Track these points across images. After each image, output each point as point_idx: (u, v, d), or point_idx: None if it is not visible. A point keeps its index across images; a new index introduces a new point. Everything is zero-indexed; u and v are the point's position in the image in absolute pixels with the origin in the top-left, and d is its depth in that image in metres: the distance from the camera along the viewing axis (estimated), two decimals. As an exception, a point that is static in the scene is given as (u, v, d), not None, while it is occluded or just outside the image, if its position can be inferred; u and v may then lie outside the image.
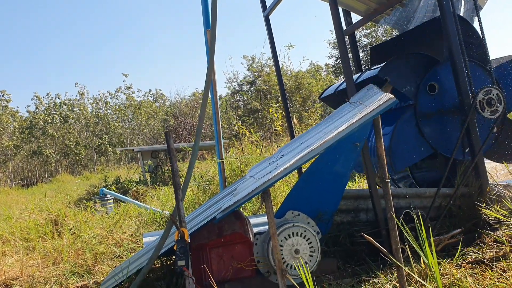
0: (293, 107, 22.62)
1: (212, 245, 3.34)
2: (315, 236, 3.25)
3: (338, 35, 3.91)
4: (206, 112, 20.94)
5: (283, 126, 11.45)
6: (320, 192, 3.49)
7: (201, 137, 3.47)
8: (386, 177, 2.80)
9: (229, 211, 2.95)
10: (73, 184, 20.50)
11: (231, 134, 21.19)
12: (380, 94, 3.04)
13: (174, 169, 3.02)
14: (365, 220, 3.95)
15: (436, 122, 4.20)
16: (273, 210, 2.82)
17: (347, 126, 2.92)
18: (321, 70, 31.81)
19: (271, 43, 6.13)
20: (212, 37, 3.75)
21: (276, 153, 4.11)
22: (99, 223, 6.62)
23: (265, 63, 24.09)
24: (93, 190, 14.12)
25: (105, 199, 10.18)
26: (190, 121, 28.96)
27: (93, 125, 35.83)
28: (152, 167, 15.12)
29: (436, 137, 4.19)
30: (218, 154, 6.22)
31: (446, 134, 4.18)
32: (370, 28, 26.48)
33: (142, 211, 7.48)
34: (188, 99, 37.34)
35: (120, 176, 15.95)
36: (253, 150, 9.39)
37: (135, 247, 5.50)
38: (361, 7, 5.71)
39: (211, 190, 7.33)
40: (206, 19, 6.02)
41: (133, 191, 12.40)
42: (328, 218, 3.52)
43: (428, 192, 3.99)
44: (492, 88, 3.92)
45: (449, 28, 3.92)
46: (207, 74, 3.60)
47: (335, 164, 3.45)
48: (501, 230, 3.49)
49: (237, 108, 25.79)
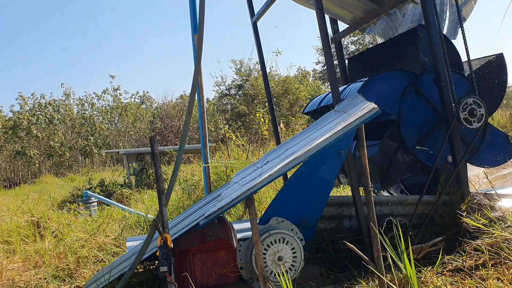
0: (280, 111, 22.68)
1: (195, 251, 3.33)
2: (298, 243, 3.27)
3: (324, 43, 3.94)
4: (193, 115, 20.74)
5: (270, 130, 11.48)
6: (304, 199, 3.52)
7: (187, 140, 3.47)
8: (369, 185, 2.83)
9: (212, 217, 2.95)
10: (57, 186, 20.22)
11: (218, 137, 21.15)
12: (364, 103, 3.07)
13: (158, 175, 3.01)
14: (348, 227, 3.98)
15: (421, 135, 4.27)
16: (256, 217, 2.83)
17: (331, 135, 2.95)
18: (308, 76, 31.95)
19: (258, 50, 6.16)
20: (199, 42, 3.76)
21: (262, 159, 4.12)
22: (82, 226, 6.55)
23: (253, 68, 24.14)
24: (77, 192, 13.95)
25: (89, 202, 10.06)
26: (177, 124, 28.85)
27: (78, 126, 35.44)
28: (137, 170, 15.01)
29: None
30: (203, 158, 6.20)
31: (430, 144, 4.25)
32: (357, 35, 26.69)
33: (126, 215, 7.41)
34: (176, 101, 37.22)
35: (105, 178, 15.79)
36: (239, 155, 9.40)
37: (118, 251, 5.45)
38: (347, 16, 5.77)
39: (196, 195, 7.32)
40: (194, 23, 6.02)
41: (118, 194, 12.27)
42: (312, 224, 3.54)
43: (410, 199, 4.04)
44: (467, 99, 3.98)
45: (433, 39, 3.99)
46: (194, 79, 3.61)
47: (320, 171, 3.47)
48: (481, 239, 3.55)
49: (224, 111, 25.77)
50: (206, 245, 3.32)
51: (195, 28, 6.01)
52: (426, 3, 3.98)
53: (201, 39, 3.76)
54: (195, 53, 5.95)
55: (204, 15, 3.83)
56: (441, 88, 3.98)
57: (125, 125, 37.24)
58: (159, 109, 38.33)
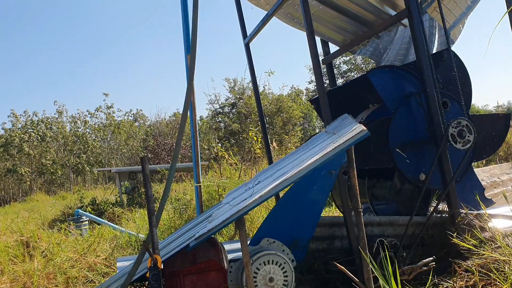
0: (274, 129, 22.77)
1: (186, 272, 3.31)
2: (289, 264, 3.26)
3: (315, 64, 4.00)
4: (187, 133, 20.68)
5: (263, 149, 11.50)
6: (296, 219, 3.51)
7: (180, 158, 3.48)
8: (359, 206, 2.85)
9: (203, 239, 2.94)
10: (48, 204, 20.03)
11: (211, 156, 21.14)
12: (353, 125, 3.11)
13: (148, 195, 3.01)
14: (339, 248, 3.97)
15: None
16: (247, 238, 2.83)
17: (321, 156, 2.98)
18: (301, 94, 32.22)
19: (251, 70, 6.23)
20: (191, 62, 3.79)
21: (253, 179, 4.13)
22: (72, 245, 6.48)
23: (246, 86, 24.31)
24: (68, 211, 13.84)
25: (80, 221, 9.98)
26: (169, 142, 28.78)
27: (71, 144, 35.31)
28: (129, 188, 14.93)
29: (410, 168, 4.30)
30: (195, 177, 6.20)
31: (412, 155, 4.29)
32: (349, 55, 27.03)
33: (117, 234, 7.35)
34: (169, 119, 37.24)
35: (97, 196, 15.70)
36: (231, 174, 9.39)
37: (108, 271, 5.40)
38: (338, 38, 5.86)
39: (187, 214, 7.28)
40: (187, 43, 6.08)
41: (109, 212, 12.20)
42: (303, 245, 3.53)
43: (401, 220, 4.05)
44: (461, 119, 4.04)
45: (422, 61, 4.06)
46: (185, 101, 3.63)
47: (311, 192, 3.48)
48: (472, 260, 3.55)
49: (218, 129, 25.80)
50: (196, 267, 3.30)
51: (188, 48, 6.07)
52: (415, 26, 4.06)
53: (193, 60, 3.80)
54: (188, 73, 6.00)
55: (197, 36, 3.87)
56: (430, 109, 4.04)
57: (117, 143, 37.16)
58: (152, 127, 38.32)
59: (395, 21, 4.66)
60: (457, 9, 5.09)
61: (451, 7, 5.05)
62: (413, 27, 4.06)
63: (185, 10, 6.11)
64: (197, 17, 3.86)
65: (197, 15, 3.88)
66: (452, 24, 5.10)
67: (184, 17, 6.11)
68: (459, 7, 5.08)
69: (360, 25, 5.45)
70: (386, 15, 5.06)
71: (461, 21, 5.18)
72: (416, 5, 4.04)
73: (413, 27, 4.06)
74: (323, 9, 5.30)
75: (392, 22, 4.75)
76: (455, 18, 5.12)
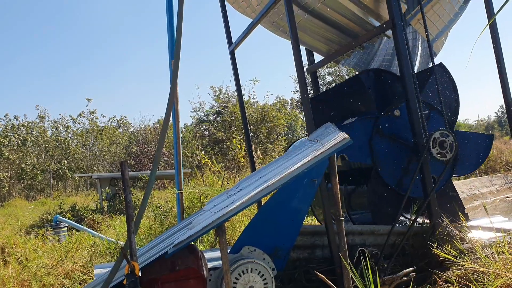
0: (258, 138, 22.75)
1: (164, 280, 3.24)
2: (270, 273, 3.22)
3: (299, 73, 4.01)
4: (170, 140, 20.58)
5: (246, 157, 11.48)
6: (277, 228, 3.48)
7: (163, 165, 3.43)
8: (340, 215, 2.83)
9: (182, 246, 2.89)
10: (27, 210, 19.62)
11: (194, 163, 21.00)
12: (336, 133, 3.11)
13: (127, 201, 2.95)
14: (321, 257, 3.96)
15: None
16: (227, 246, 2.79)
17: (303, 163, 2.96)
18: (286, 104, 32.31)
19: (235, 78, 6.23)
20: (175, 67, 3.76)
21: (235, 186, 4.10)
22: (50, 252, 6.32)
23: (231, 95, 24.28)
24: (47, 216, 13.55)
25: (59, 227, 9.77)
26: (153, 149, 28.49)
27: (52, 149, 34.72)
28: (110, 195, 14.72)
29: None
30: (177, 184, 6.13)
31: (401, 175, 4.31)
32: (333, 66, 27.26)
33: (96, 241, 7.22)
34: (153, 126, 36.93)
35: (77, 203, 15.42)
36: (214, 181, 9.34)
37: (85, 278, 5.28)
38: (323, 48, 5.90)
39: (168, 222, 7.19)
40: (172, 49, 6.04)
41: (89, 219, 11.97)
42: (284, 254, 3.50)
43: (382, 229, 4.05)
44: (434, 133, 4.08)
45: (405, 73, 4.09)
46: (169, 102, 3.60)
47: (293, 200, 3.46)
48: (452, 270, 3.57)
49: (202, 137, 25.68)
50: (175, 274, 3.24)
51: (172, 54, 6.03)
52: (399, 37, 4.10)
53: (177, 66, 3.77)
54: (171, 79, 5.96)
55: (181, 42, 3.84)
56: (412, 119, 4.07)
57: (100, 149, 36.70)
58: (135, 134, 37.96)
59: (379, 32, 4.70)
60: (440, 22, 5.16)
61: (434, 20, 5.12)
62: (397, 38, 4.10)
63: (170, 16, 6.08)
64: (181, 24, 3.82)
65: (181, 22, 3.84)
66: (435, 37, 5.17)
67: (169, 23, 6.09)
68: (442, 20, 5.15)
69: (344, 36, 5.49)
70: (370, 26, 5.11)
71: (444, 34, 5.25)
72: (400, 16, 4.08)
73: (397, 38, 4.10)
74: (308, 18, 5.33)
75: (376, 33, 4.79)
76: (438, 30, 5.19)
